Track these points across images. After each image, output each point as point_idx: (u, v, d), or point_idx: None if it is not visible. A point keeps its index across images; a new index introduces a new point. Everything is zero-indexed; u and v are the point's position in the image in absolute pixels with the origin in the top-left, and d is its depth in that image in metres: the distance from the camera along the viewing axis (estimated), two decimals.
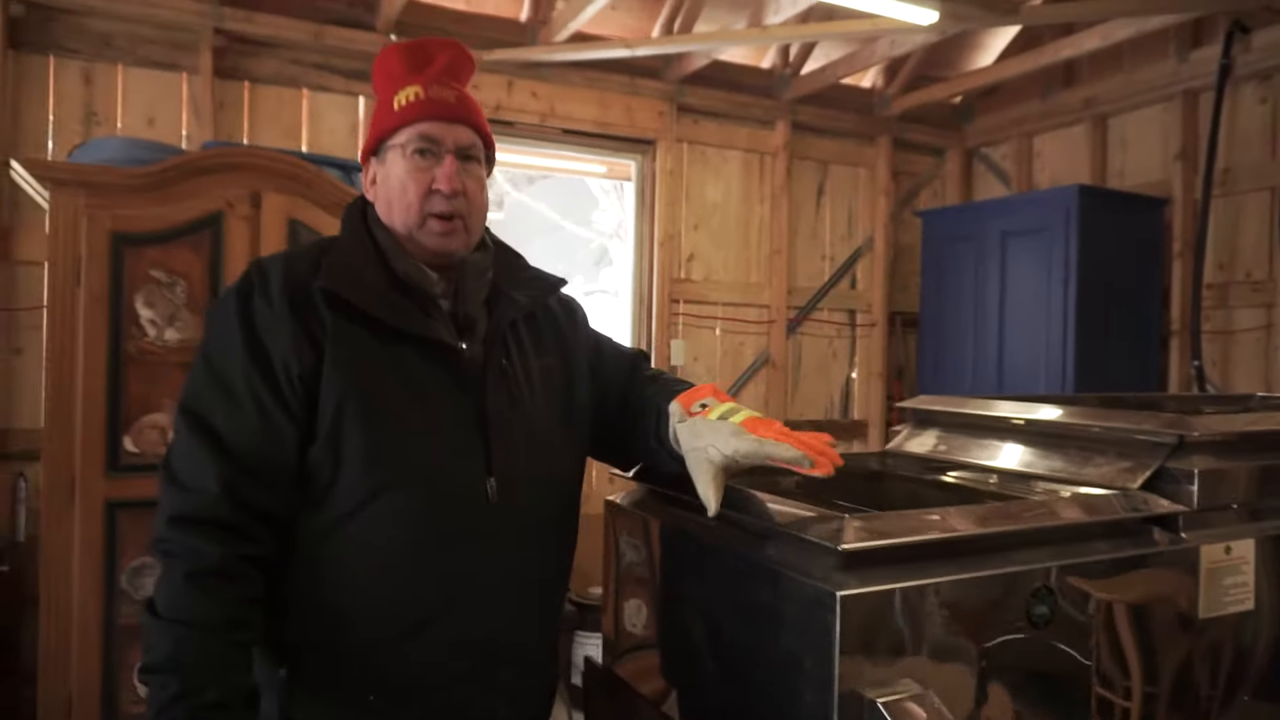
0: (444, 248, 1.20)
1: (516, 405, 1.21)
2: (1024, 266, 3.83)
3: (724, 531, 1.22)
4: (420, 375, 1.15)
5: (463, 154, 1.21)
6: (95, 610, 2.63)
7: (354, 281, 1.14)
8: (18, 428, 3.14)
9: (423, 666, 1.14)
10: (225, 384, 1.11)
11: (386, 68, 1.25)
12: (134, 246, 2.66)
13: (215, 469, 1.08)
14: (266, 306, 1.12)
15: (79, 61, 3.25)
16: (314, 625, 1.14)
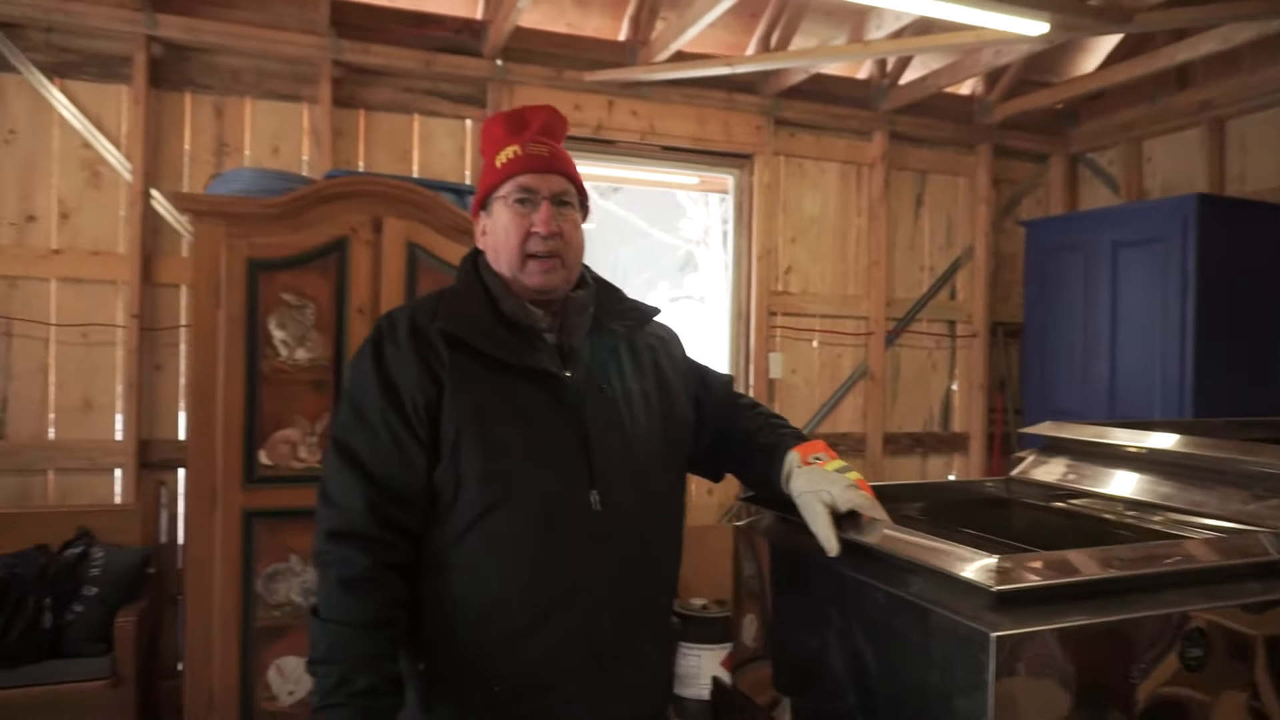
0: (545, 284, 1.33)
1: (616, 426, 1.33)
2: (1137, 278, 3.71)
3: (865, 563, 1.24)
4: (528, 401, 1.29)
5: (557, 200, 1.34)
6: (234, 613, 2.80)
7: (467, 322, 1.29)
8: (159, 438, 3.36)
9: (538, 662, 1.25)
10: (365, 418, 1.27)
11: (491, 133, 1.40)
12: (267, 271, 2.83)
13: (360, 490, 1.23)
14: (395, 350, 1.29)
15: (211, 96, 3.46)
16: (445, 625, 1.26)
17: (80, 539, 3.00)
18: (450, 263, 3.02)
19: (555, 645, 1.25)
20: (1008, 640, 0.99)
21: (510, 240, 1.32)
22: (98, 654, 2.76)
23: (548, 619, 1.24)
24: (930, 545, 1.16)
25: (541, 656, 1.25)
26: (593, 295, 1.41)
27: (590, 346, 1.36)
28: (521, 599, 1.24)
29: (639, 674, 1.33)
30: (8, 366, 3.23)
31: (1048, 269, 4.22)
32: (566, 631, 1.25)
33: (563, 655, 1.25)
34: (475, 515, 1.24)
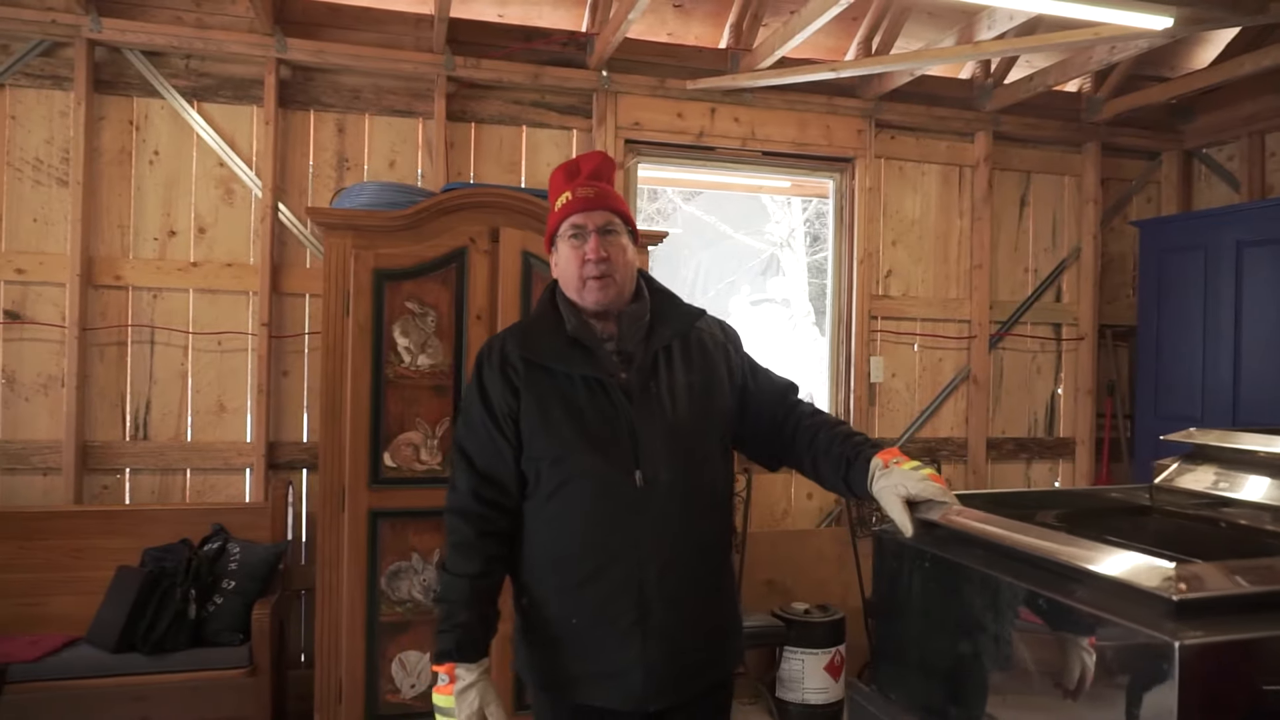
0: (600, 301, 1.65)
1: (659, 416, 1.62)
2: (1266, 278, 3.56)
3: (1021, 569, 1.25)
4: (584, 401, 1.61)
5: (603, 231, 1.64)
6: (360, 608, 2.93)
7: (538, 344, 1.65)
8: (285, 440, 3.53)
9: (597, 604, 1.58)
10: (471, 424, 1.66)
11: (553, 183, 1.73)
12: (392, 281, 2.96)
13: (466, 478, 1.64)
14: (489, 371, 1.66)
15: (333, 114, 3.63)
16: (535, 572, 1.64)
17: (217, 535, 3.18)
18: None
19: (610, 592, 1.57)
20: (1192, 650, 0.99)
21: (570, 269, 1.65)
22: (236, 644, 2.93)
23: (603, 571, 1.57)
24: (1097, 549, 1.16)
25: (600, 600, 1.57)
26: (647, 305, 1.71)
27: (644, 349, 1.65)
28: (582, 555, 1.58)
29: (680, 617, 1.60)
30: (150, 372, 3.44)
31: (1164, 270, 4.08)
32: (616, 581, 1.57)
33: (615, 600, 1.57)
34: (549, 491, 1.60)
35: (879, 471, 1.55)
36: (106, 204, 3.41)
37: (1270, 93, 4.20)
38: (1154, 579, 1.05)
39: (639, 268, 1.74)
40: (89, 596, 3.01)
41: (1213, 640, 1.00)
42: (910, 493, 1.49)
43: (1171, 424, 4.04)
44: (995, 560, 1.34)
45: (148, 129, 3.44)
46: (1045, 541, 1.26)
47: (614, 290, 1.64)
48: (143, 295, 3.43)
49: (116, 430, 3.42)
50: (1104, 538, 1.61)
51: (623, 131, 3.85)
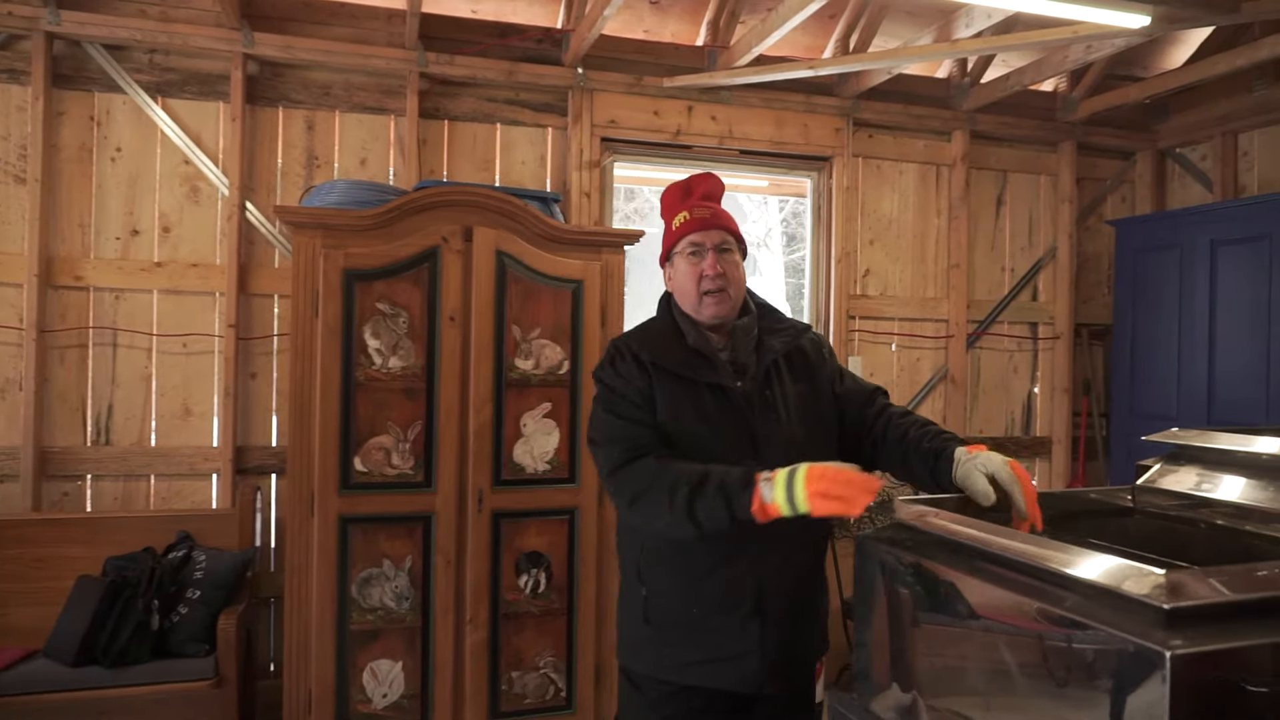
0: (716, 314, 1.77)
1: (776, 423, 1.73)
2: (1239, 277, 3.57)
3: (1015, 579, 1.21)
4: (709, 405, 1.72)
5: (719, 249, 1.77)
6: (330, 615, 2.86)
7: (663, 351, 1.75)
8: (254, 445, 3.45)
9: (718, 594, 1.68)
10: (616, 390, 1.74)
11: (667, 201, 1.87)
12: (363, 281, 2.89)
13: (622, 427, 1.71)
14: (625, 364, 1.76)
15: (303, 111, 3.55)
16: (658, 563, 1.73)
17: (182, 542, 3.09)
18: (539, 270, 3.06)
19: (731, 583, 1.67)
20: (1183, 659, 0.96)
21: (688, 284, 1.77)
22: (201, 655, 2.84)
23: (726, 564, 1.67)
24: (1085, 556, 1.13)
25: (721, 590, 1.67)
26: (755, 319, 1.82)
27: (756, 360, 1.76)
28: (706, 549, 1.66)
29: (792, 608, 1.71)
30: (113, 375, 3.35)
31: (1139, 269, 4.09)
32: (737, 574, 1.66)
33: (736, 590, 1.67)
34: None
35: (963, 459, 1.61)
36: (66, 202, 3.31)
37: (1242, 92, 4.23)
38: (1143, 586, 1.02)
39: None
40: (48, 608, 2.92)
41: (1203, 649, 0.97)
42: (990, 470, 1.54)
43: (1147, 422, 4.05)
44: (979, 565, 1.31)
45: (109, 125, 3.35)
46: (1031, 546, 1.23)
47: (729, 305, 1.76)
48: (104, 296, 3.34)
49: (77, 435, 3.32)
50: (1088, 541, 1.59)
51: (598, 129, 3.80)
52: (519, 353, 3.04)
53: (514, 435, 3.03)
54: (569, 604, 3.11)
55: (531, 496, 3.06)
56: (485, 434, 2.98)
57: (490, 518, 3.01)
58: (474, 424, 2.97)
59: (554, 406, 3.07)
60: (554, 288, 3.08)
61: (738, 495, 1.51)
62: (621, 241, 3.20)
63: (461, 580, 2.98)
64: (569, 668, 3.12)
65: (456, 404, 2.97)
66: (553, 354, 3.07)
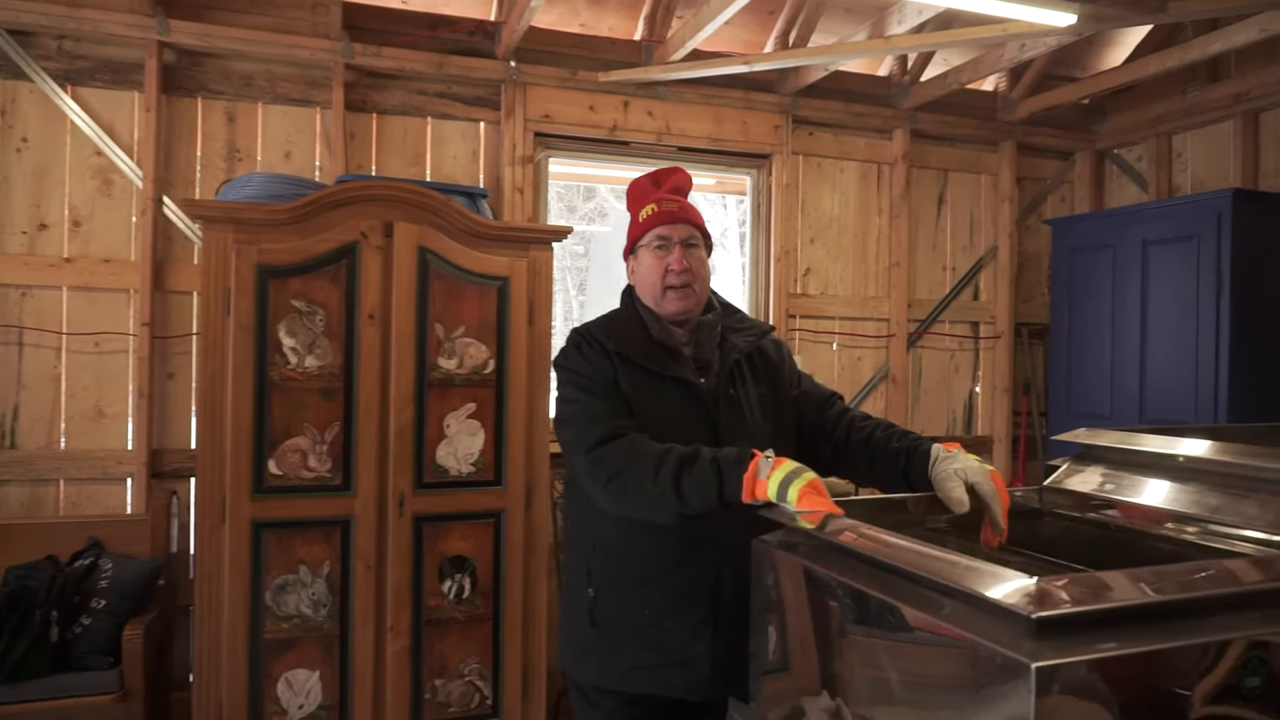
0: (680, 310, 1.74)
1: (741, 421, 1.71)
2: (1169, 277, 3.60)
3: (895, 584, 1.17)
4: (674, 400, 1.69)
5: (686, 243, 1.75)
6: (243, 624, 2.76)
7: (629, 343, 1.72)
8: (170, 448, 3.33)
9: (672, 597, 1.63)
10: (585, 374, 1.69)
11: (634, 193, 1.84)
12: (277, 278, 2.79)
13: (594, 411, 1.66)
14: (590, 350, 1.73)
15: (223, 102, 3.43)
16: (610, 564, 1.69)
17: (90, 550, 2.97)
18: (463, 267, 2.98)
19: (686, 585, 1.63)
20: (1048, 671, 0.91)
21: (652, 276, 1.75)
22: (105, 667, 2.72)
23: (683, 565, 1.63)
24: (963, 564, 1.08)
25: (676, 592, 1.63)
26: (719, 317, 1.80)
27: (720, 358, 1.73)
28: (663, 549, 1.63)
29: (743, 614, 1.58)
30: (19, 376, 3.21)
31: (1075, 269, 4.11)
32: (693, 575, 1.63)
33: (691, 593, 1.63)
34: None
35: (941, 456, 1.59)
36: None
37: (1176, 95, 4.27)
38: (1014, 596, 0.98)
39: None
40: None
41: (1070, 660, 0.93)
42: (971, 480, 1.51)
43: (1083, 422, 4.07)
44: (868, 573, 1.26)
45: (15, 114, 3.20)
46: (914, 553, 1.18)
47: (693, 300, 1.74)
48: (9, 293, 3.19)
49: None
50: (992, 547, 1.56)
51: (532, 124, 3.72)
52: (442, 352, 2.95)
53: (437, 437, 2.95)
54: (495, 609, 3.03)
55: (455, 499, 2.97)
56: (407, 435, 2.90)
57: (412, 521, 2.92)
58: (395, 425, 2.88)
59: (479, 407, 2.99)
60: (479, 285, 3.00)
61: (731, 469, 1.47)
62: (549, 238, 3.13)
63: (382, 586, 2.89)
64: (495, 675, 3.04)
65: (376, 405, 2.87)
66: (477, 353, 2.99)
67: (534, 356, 3.05)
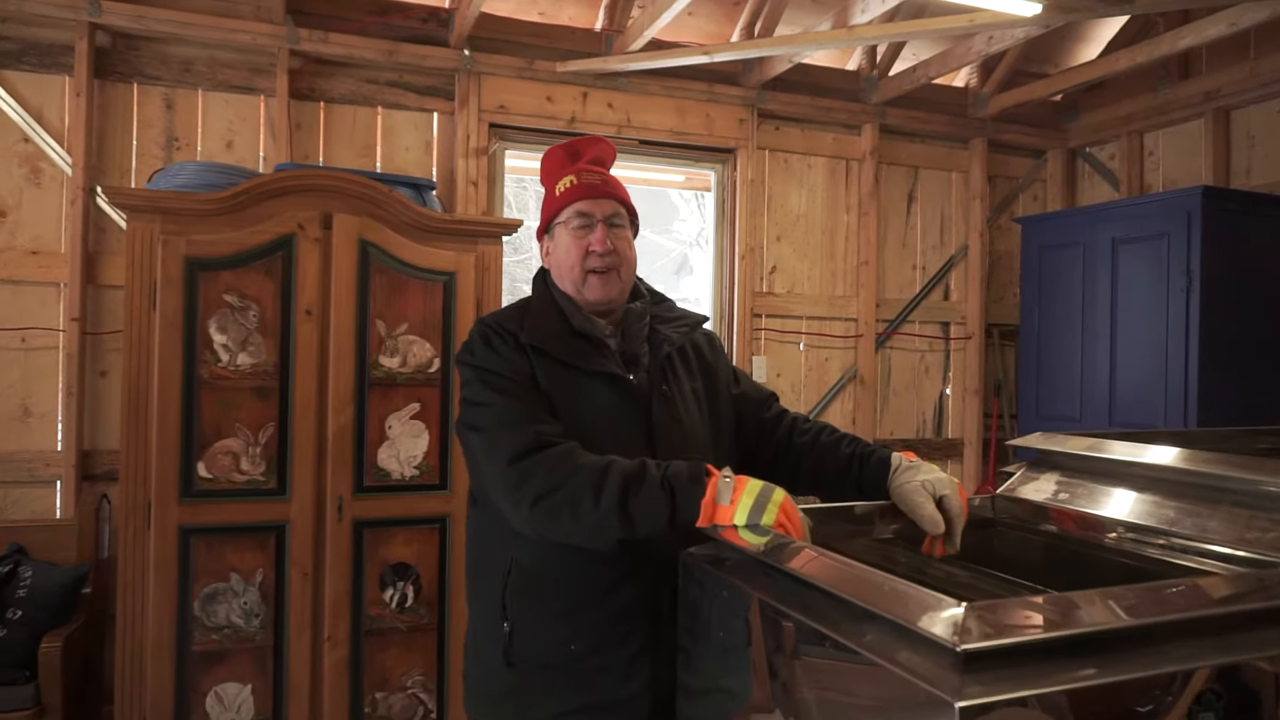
0: (603, 296, 1.52)
1: (676, 419, 1.51)
2: (1139, 276, 3.52)
3: (817, 602, 1.06)
4: (600, 397, 1.47)
5: (610, 222, 1.53)
6: (169, 634, 2.62)
7: (546, 334, 1.49)
8: (103, 449, 3.17)
9: (607, 624, 1.41)
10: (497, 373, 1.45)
11: (549, 165, 1.61)
12: (208, 271, 2.65)
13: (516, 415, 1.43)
14: (501, 344, 1.48)
15: (161, 88, 3.28)
16: (528, 591, 1.44)
17: (9, 557, 2.82)
18: (407, 261, 2.85)
19: (620, 612, 1.41)
20: (974, 711, 0.80)
21: (571, 259, 1.52)
22: (20, 682, 2.57)
23: (617, 588, 1.41)
24: (890, 587, 0.97)
25: (607, 621, 1.41)
26: (647, 306, 1.60)
27: (649, 352, 1.54)
28: (592, 571, 1.41)
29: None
30: None
31: (1045, 268, 4.03)
32: (627, 601, 1.41)
33: (625, 621, 1.41)
34: None
35: (903, 465, 1.47)
36: None
37: (1147, 92, 4.20)
38: (940, 625, 0.87)
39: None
40: None
41: (1001, 698, 0.82)
42: (939, 493, 1.40)
43: (1053, 425, 3.99)
44: (796, 592, 1.15)
45: None
46: (843, 576, 1.07)
47: (617, 287, 1.54)
48: None
49: None
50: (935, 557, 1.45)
51: (486, 115, 3.59)
52: (384, 350, 2.82)
53: (378, 438, 2.81)
54: (440, 618, 2.91)
55: (398, 504, 2.84)
56: (346, 437, 2.76)
57: (352, 527, 2.79)
58: (333, 426, 2.75)
59: (423, 407, 2.86)
60: (424, 280, 2.87)
61: (686, 492, 1.27)
62: (499, 231, 3.00)
63: (319, 595, 2.76)
64: (440, 687, 2.91)
65: (314, 405, 2.74)
66: (422, 351, 2.86)
67: None
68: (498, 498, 1.41)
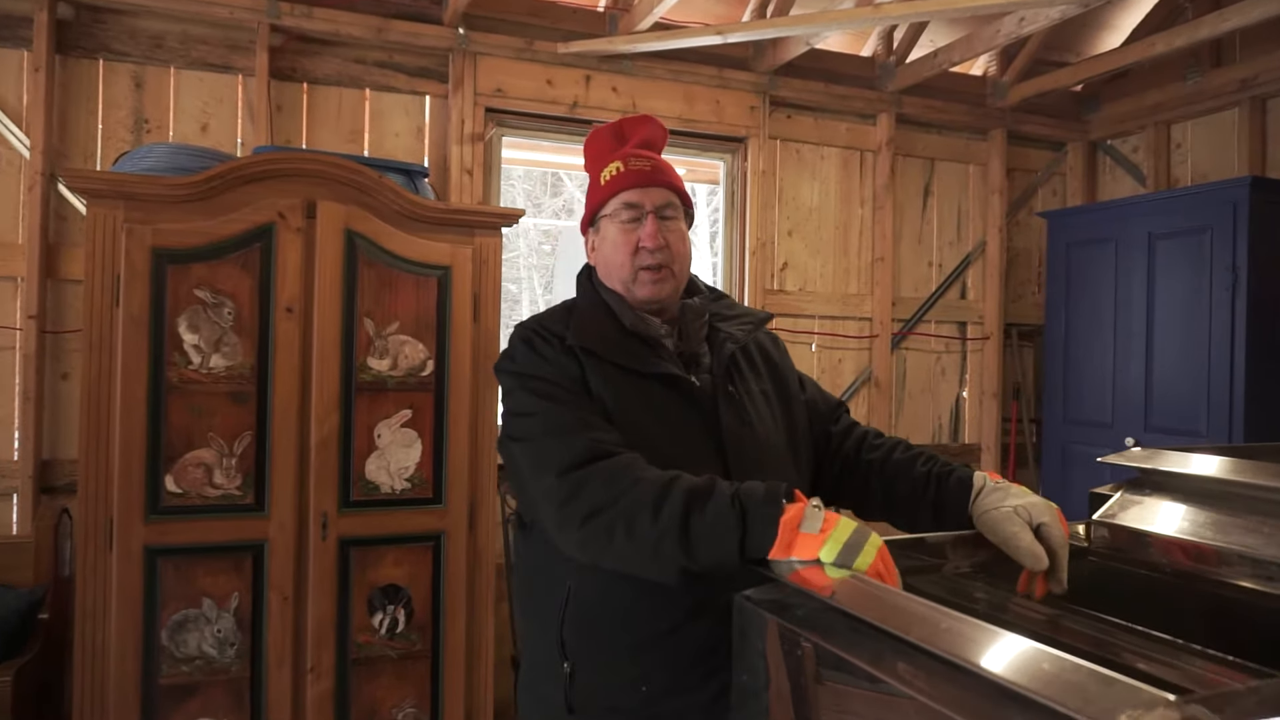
0: (656, 295, 1.38)
1: (747, 424, 1.35)
2: (1178, 273, 3.31)
3: (940, 683, 0.82)
4: (662, 402, 1.32)
5: (661, 213, 1.38)
6: (133, 667, 2.36)
7: (596, 336, 1.34)
8: (64, 459, 2.91)
9: (684, 661, 1.25)
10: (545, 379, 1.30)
11: (593, 149, 1.46)
12: (177, 264, 2.40)
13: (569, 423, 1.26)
14: (547, 348, 1.34)
15: (129, 65, 3.02)
16: (591, 625, 1.28)
17: None
18: (398, 254, 2.60)
19: (695, 649, 1.24)
20: None
21: (620, 255, 1.38)
22: None
23: (694, 617, 1.24)
24: (1058, 666, 0.74)
25: (688, 655, 1.25)
26: (706, 302, 1.45)
27: (710, 352, 1.39)
28: (669, 597, 1.22)
29: None
30: None
31: (1073, 265, 3.83)
32: (711, 631, 1.22)
33: (702, 660, 1.24)
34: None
35: (989, 487, 1.28)
36: None
37: (1175, 81, 4.01)
38: None
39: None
40: None
41: None
42: (1037, 522, 1.19)
43: (1080, 429, 3.79)
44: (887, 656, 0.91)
45: None
46: (960, 635, 0.84)
47: (671, 284, 1.39)
48: None
49: None
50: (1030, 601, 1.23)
51: (483, 98, 3.35)
52: (373, 351, 2.57)
53: (366, 448, 2.56)
54: (434, 644, 2.66)
55: (388, 520, 2.59)
56: (331, 447, 2.51)
57: (337, 546, 2.53)
58: (317, 435, 2.50)
59: (415, 414, 2.61)
60: (417, 275, 2.62)
61: (760, 511, 1.07)
62: (499, 222, 2.76)
63: (302, 621, 2.51)
64: (434, 718, 2.66)
65: (295, 411, 2.49)
66: (414, 352, 2.62)
67: (479, 357, 2.68)
68: (545, 516, 1.24)
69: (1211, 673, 1.11)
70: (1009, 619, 1.31)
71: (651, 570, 1.15)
